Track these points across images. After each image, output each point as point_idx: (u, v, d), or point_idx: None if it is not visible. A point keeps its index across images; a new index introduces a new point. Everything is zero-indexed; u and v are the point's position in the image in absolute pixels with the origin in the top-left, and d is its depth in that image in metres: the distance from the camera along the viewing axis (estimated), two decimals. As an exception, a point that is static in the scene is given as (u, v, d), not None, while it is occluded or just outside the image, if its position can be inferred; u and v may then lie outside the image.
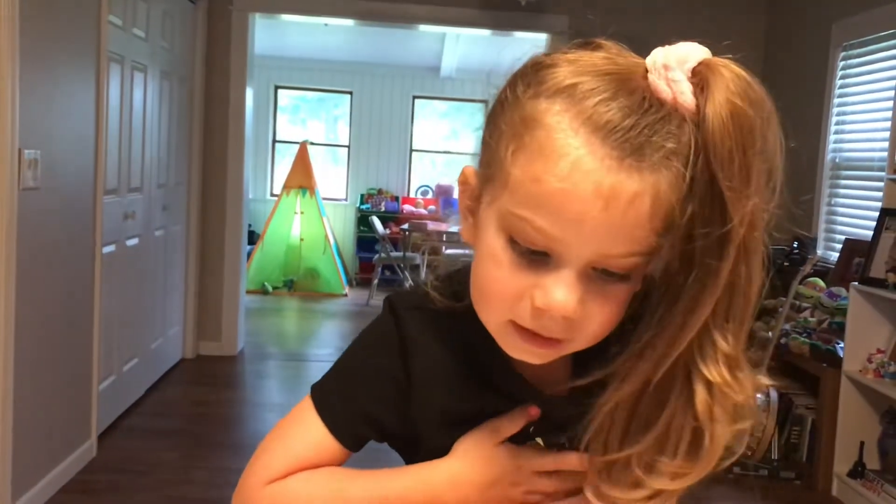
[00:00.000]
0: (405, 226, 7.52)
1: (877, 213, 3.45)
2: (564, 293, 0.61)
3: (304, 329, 6.65)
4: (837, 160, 4.13)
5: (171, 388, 4.39)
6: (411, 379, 0.74)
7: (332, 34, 7.06)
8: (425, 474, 0.75)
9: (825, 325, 3.64)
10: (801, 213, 0.62)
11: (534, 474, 0.74)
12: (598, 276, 0.62)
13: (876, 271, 3.30)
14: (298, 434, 0.76)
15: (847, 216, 4.04)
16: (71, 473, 3.12)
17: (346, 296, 7.67)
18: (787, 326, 3.69)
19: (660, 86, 0.60)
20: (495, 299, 0.64)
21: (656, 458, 0.64)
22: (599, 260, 0.61)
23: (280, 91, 8.76)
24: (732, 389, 0.62)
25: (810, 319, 3.72)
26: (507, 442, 0.74)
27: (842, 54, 4.10)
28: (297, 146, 7.99)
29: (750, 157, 0.57)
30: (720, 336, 0.61)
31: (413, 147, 8.82)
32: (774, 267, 0.64)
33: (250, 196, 5.70)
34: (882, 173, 3.50)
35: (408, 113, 8.71)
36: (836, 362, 3.37)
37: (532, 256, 0.62)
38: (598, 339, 0.65)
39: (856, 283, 3.35)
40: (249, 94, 5.04)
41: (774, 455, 3.58)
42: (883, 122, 3.66)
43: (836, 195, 4.14)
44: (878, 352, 3.28)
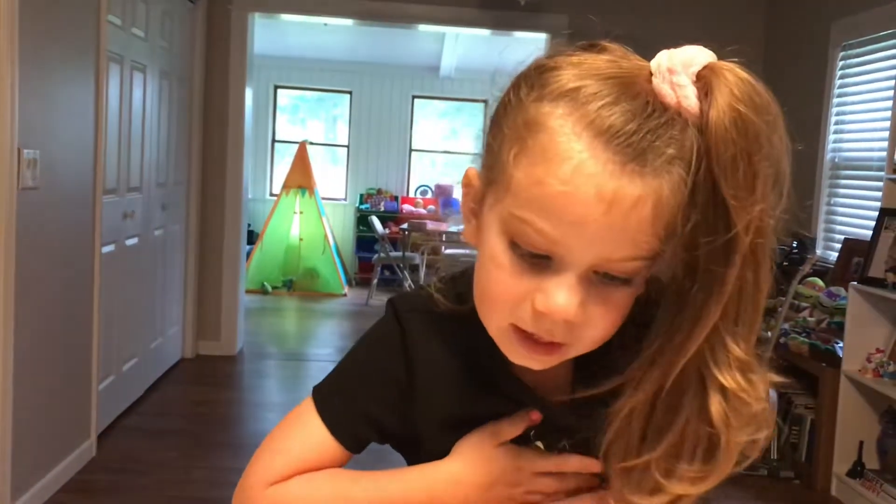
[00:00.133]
0: (404, 225, 7.51)
1: (876, 213, 3.45)
2: (566, 297, 0.61)
3: (304, 329, 6.65)
4: (836, 160, 4.13)
5: (171, 387, 4.39)
6: (413, 381, 0.74)
7: (332, 34, 7.06)
8: (426, 475, 0.75)
9: (824, 324, 3.64)
10: (801, 213, 0.62)
11: (534, 475, 0.74)
12: (600, 280, 0.62)
13: (875, 271, 3.31)
14: (299, 435, 0.76)
15: (846, 216, 4.05)
16: (70, 473, 3.12)
17: (345, 296, 7.67)
18: (786, 326, 3.70)
19: (664, 90, 0.59)
20: (497, 302, 0.64)
21: (675, 464, 0.64)
22: (601, 264, 0.60)
23: (279, 91, 8.76)
24: (747, 394, 0.62)
25: (809, 319, 3.72)
26: (507, 443, 0.74)
27: (841, 54, 4.10)
28: (297, 146, 7.99)
29: (755, 163, 0.57)
30: (732, 341, 0.61)
31: (412, 147, 8.82)
32: (774, 266, 0.64)
33: (249, 196, 5.70)
34: (881, 173, 3.50)
35: (407, 113, 8.71)
36: (836, 362, 3.38)
37: (533, 260, 0.61)
38: (599, 343, 0.65)
39: (855, 283, 3.35)
40: (249, 94, 5.03)
41: (774, 454, 3.58)
42: (882, 122, 3.67)
43: (836, 195, 4.14)
44: (878, 351, 3.29)
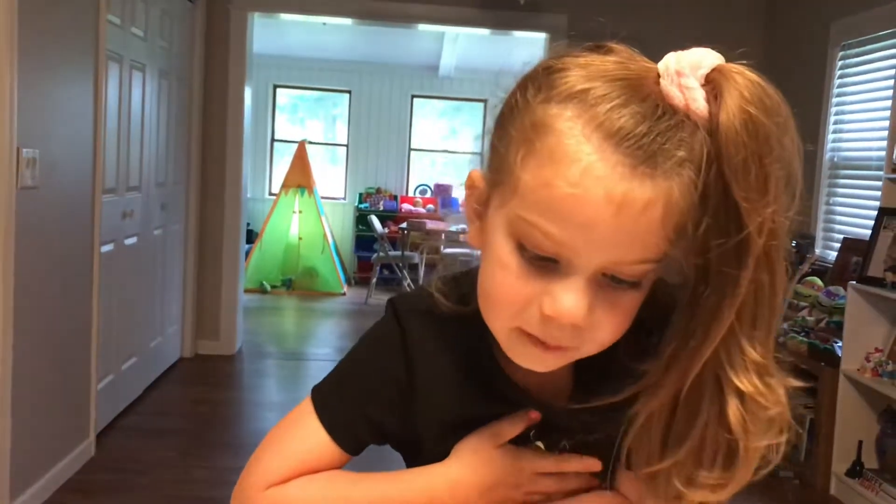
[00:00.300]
0: (404, 225, 7.51)
1: (875, 213, 3.46)
2: (573, 300, 0.60)
3: (303, 328, 6.65)
4: (836, 159, 4.13)
5: (170, 387, 4.39)
6: (413, 383, 0.74)
7: (331, 33, 7.05)
8: (425, 478, 0.75)
9: (823, 324, 3.64)
10: (801, 213, 0.62)
11: (534, 475, 0.74)
12: (608, 282, 0.61)
13: (874, 270, 3.31)
14: (298, 436, 0.76)
15: (845, 215, 4.05)
16: (69, 473, 3.12)
17: (344, 295, 7.67)
18: (785, 325, 3.70)
19: (672, 92, 0.59)
20: (502, 305, 0.64)
21: (695, 471, 0.64)
22: (609, 267, 0.60)
23: (279, 90, 8.76)
24: (765, 398, 0.61)
25: (808, 318, 3.72)
26: (507, 444, 0.74)
27: (840, 54, 4.10)
28: (296, 145, 7.99)
29: (767, 166, 0.56)
30: (749, 344, 0.60)
31: (412, 146, 8.81)
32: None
33: (249, 195, 5.70)
34: (880, 172, 3.50)
35: (406, 112, 8.71)
36: (835, 361, 3.38)
37: (541, 262, 0.61)
38: (605, 346, 0.65)
39: (854, 283, 3.35)
40: (248, 93, 5.03)
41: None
42: (881, 122, 3.67)
43: (835, 194, 4.15)
44: (876, 351, 3.29)
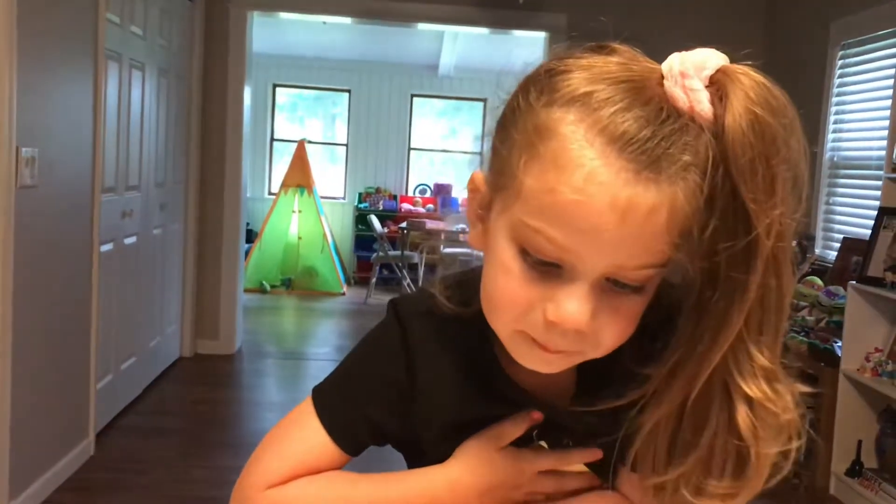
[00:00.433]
0: (403, 224, 7.51)
1: (875, 212, 3.45)
2: (577, 306, 0.60)
3: (302, 327, 6.65)
4: (835, 159, 4.13)
5: (169, 386, 4.39)
6: (415, 385, 0.74)
7: (331, 32, 7.05)
8: (426, 479, 0.75)
9: (823, 323, 3.64)
10: (800, 213, 0.61)
11: (535, 476, 0.74)
12: (611, 287, 0.60)
13: (874, 270, 3.30)
14: (298, 437, 0.76)
15: (845, 215, 4.05)
16: (68, 472, 3.12)
17: (343, 294, 7.67)
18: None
19: (676, 94, 0.58)
20: (505, 310, 0.63)
21: (704, 480, 0.63)
22: (613, 272, 0.59)
23: (278, 89, 8.76)
24: (774, 404, 0.60)
25: (808, 318, 3.72)
26: (509, 446, 0.74)
27: (840, 53, 4.10)
28: (295, 144, 7.98)
29: (774, 167, 0.56)
30: (756, 350, 0.59)
31: (411, 146, 8.81)
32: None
33: (248, 194, 5.69)
34: (880, 172, 3.50)
35: (406, 111, 8.71)
36: (834, 361, 3.37)
37: (544, 268, 0.60)
38: (608, 350, 0.64)
39: (854, 282, 3.35)
40: (247, 93, 5.03)
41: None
42: (881, 121, 3.66)
43: (835, 194, 4.15)
44: (876, 350, 3.28)
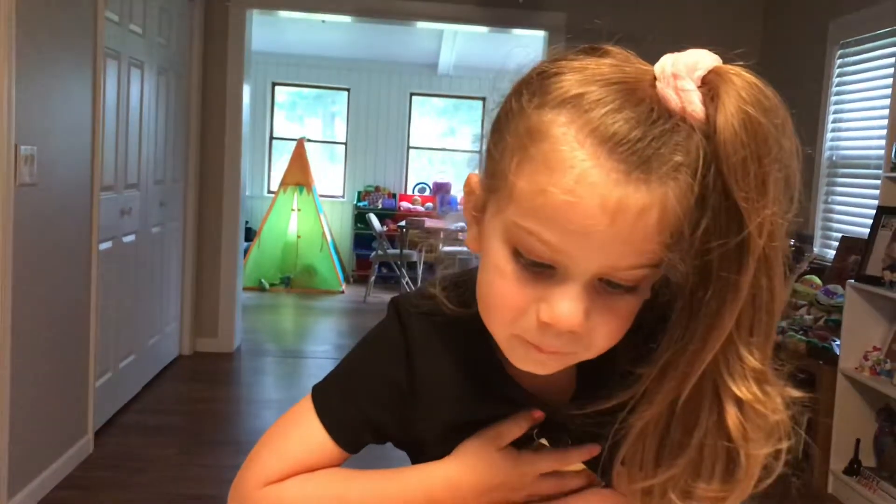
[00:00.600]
0: (402, 223, 7.52)
1: (873, 211, 3.46)
2: (570, 307, 0.60)
3: (301, 326, 6.65)
4: (834, 158, 4.14)
5: (168, 384, 4.39)
6: (414, 385, 0.74)
7: (330, 31, 7.05)
8: (424, 475, 0.75)
9: (821, 322, 3.64)
10: (799, 212, 0.61)
11: (536, 478, 0.74)
12: (605, 288, 0.61)
13: (872, 269, 3.31)
14: (297, 435, 0.76)
15: (844, 214, 4.05)
16: (67, 470, 3.12)
17: (342, 293, 7.67)
18: (783, 324, 3.70)
19: (668, 95, 0.58)
20: (500, 312, 0.64)
21: (692, 484, 0.63)
22: (606, 273, 0.60)
23: (277, 87, 8.75)
24: (764, 405, 0.60)
25: (807, 317, 3.73)
26: (509, 446, 0.74)
27: (839, 52, 4.10)
28: (295, 143, 7.98)
29: (766, 166, 0.56)
30: (746, 351, 0.59)
31: (410, 144, 8.81)
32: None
33: (247, 193, 5.69)
34: (879, 171, 3.50)
35: (405, 110, 8.70)
36: (833, 360, 3.38)
37: (537, 269, 0.61)
38: (603, 350, 0.64)
39: (852, 281, 3.36)
40: (247, 91, 5.03)
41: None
42: (880, 120, 3.67)
43: (833, 193, 4.15)
44: (875, 349, 3.29)
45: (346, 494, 0.74)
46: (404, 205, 8.53)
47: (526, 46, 5.48)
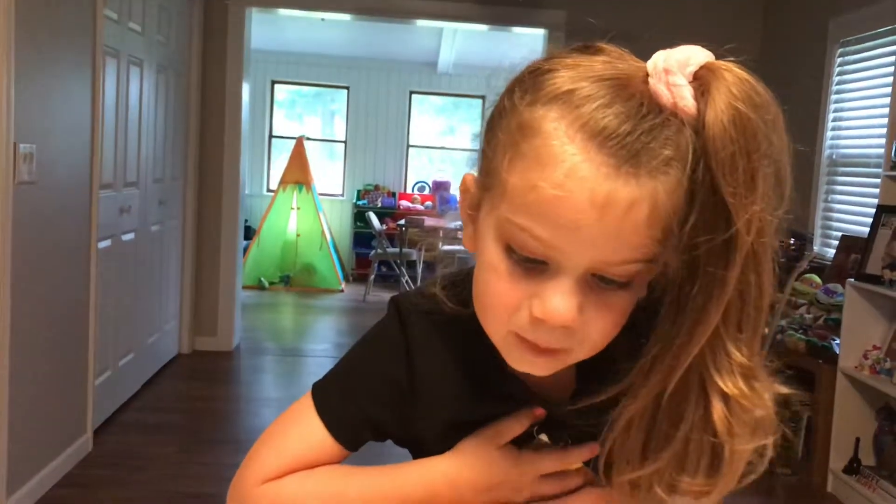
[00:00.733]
0: (402, 221, 7.52)
1: (873, 210, 3.46)
2: (562, 302, 0.60)
3: (301, 324, 6.64)
4: (834, 157, 4.13)
5: (167, 383, 4.39)
6: (415, 383, 0.74)
7: (329, 29, 7.04)
8: (423, 471, 0.75)
9: (821, 321, 3.64)
10: (799, 210, 0.61)
11: (537, 479, 0.73)
12: (597, 283, 0.61)
13: (872, 268, 3.31)
14: (296, 432, 0.76)
15: (844, 213, 4.05)
16: (67, 468, 3.12)
17: (342, 291, 7.67)
18: (783, 323, 3.70)
19: (660, 90, 0.58)
20: (495, 309, 0.64)
21: (677, 477, 0.63)
22: (598, 267, 0.60)
23: (277, 86, 8.74)
24: (750, 401, 0.60)
25: (806, 316, 3.73)
26: (509, 445, 0.74)
27: (839, 50, 4.10)
28: (294, 141, 7.98)
29: (755, 161, 0.56)
30: (734, 347, 0.60)
31: (410, 143, 8.81)
32: (777, 270, 0.63)
33: (247, 191, 5.69)
34: (879, 170, 3.50)
35: (405, 108, 8.70)
36: (832, 359, 3.38)
37: (529, 265, 0.61)
38: (599, 347, 0.64)
39: (852, 280, 3.36)
40: (246, 89, 5.02)
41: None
42: (880, 119, 3.67)
43: (833, 192, 4.15)
44: (874, 348, 3.29)
45: (345, 491, 0.74)
46: (404, 203, 8.53)
47: (525, 45, 5.47)
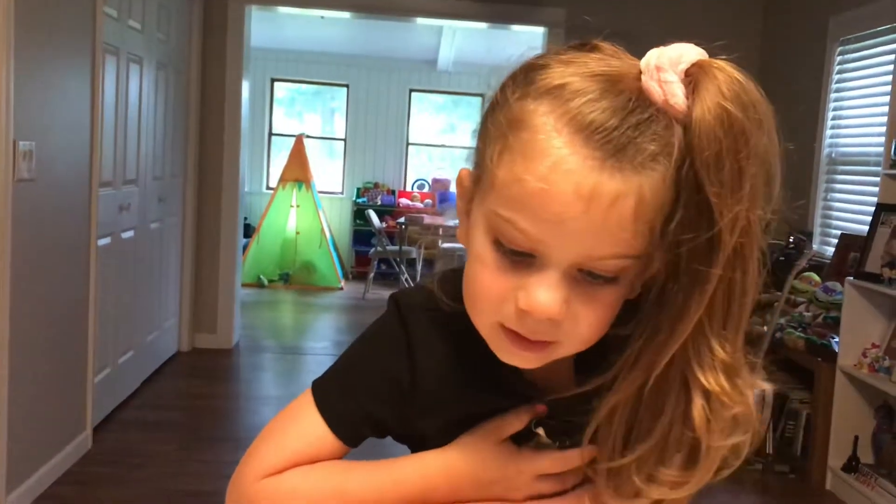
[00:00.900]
0: (401, 219, 7.52)
1: (872, 208, 3.46)
2: (547, 295, 0.60)
3: (300, 322, 6.65)
4: (833, 155, 4.14)
5: (167, 380, 4.39)
6: (415, 380, 0.74)
7: (329, 27, 7.04)
8: (421, 464, 0.75)
9: (820, 319, 3.64)
10: (798, 208, 0.61)
11: (535, 479, 0.73)
12: (584, 278, 0.61)
13: (871, 266, 3.31)
14: (296, 429, 0.76)
15: (843, 211, 4.05)
16: (66, 466, 3.12)
17: (341, 289, 7.67)
18: (782, 321, 3.70)
19: (651, 87, 0.59)
20: (482, 300, 0.64)
21: (656, 469, 0.64)
22: (583, 262, 0.60)
23: (276, 84, 8.74)
24: (730, 398, 0.61)
25: (805, 314, 3.73)
26: (508, 441, 0.74)
27: (839, 49, 4.10)
28: (294, 139, 7.97)
29: (741, 161, 0.56)
30: (717, 343, 0.60)
31: (409, 140, 8.81)
32: (770, 262, 0.63)
33: (246, 189, 5.69)
34: (878, 168, 3.50)
35: (404, 106, 8.70)
36: (831, 357, 3.38)
37: (516, 258, 0.61)
38: (588, 342, 0.65)
39: (851, 278, 3.36)
40: (246, 87, 5.02)
41: (769, 449, 3.59)
42: (879, 117, 3.67)
43: (832, 190, 4.15)
44: (873, 346, 3.29)
45: (344, 485, 0.74)
46: (403, 201, 8.53)
47: (525, 43, 5.48)
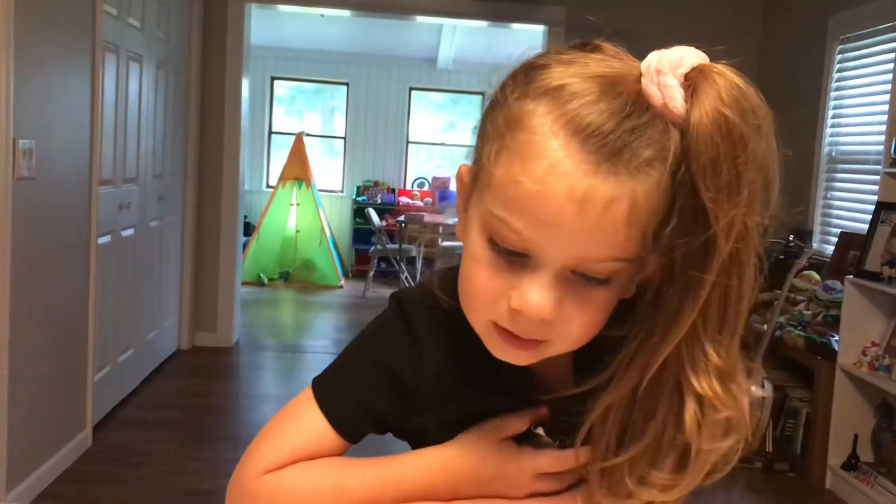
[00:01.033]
0: (401, 218, 7.52)
1: (872, 207, 3.46)
2: (539, 295, 0.60)
3: (300, 320, 6.65)
4: (833, 153, 4.14)
5: (167, 379, 4.39)
6: (416, 377, 0.74)
7: (329, 25, 7.04)
8: (421, 461, 0.75)
9: (820, 318, 3.65)
10: (797, 208, 0.61)
11: (534, 477, 0.74)
12: (577, 279, 0.61)
13: (871, 264, 3.31)
14: (297, 425, 0.76)
15: (843, 209, 4.05)
16: (66, 464, 3.12)
17: (341, 287, 7.67)
18: (781, 319, 3.70)
19: (651, 90, 0.59)
20: (476, 299, 0.65)
21: (647, 471, 0.64)
22: (576, 264, 0.60)
23: (276, 82, 8.74)
24: (723, 403, 0.61)
25: (805, 312, 3.73)
26: (508, 440, 0.74)
27: (839, 47, 4.10)
28: (294, 137, 7.97)
29: (738, 166, 0.56)
30: (712, 348, 0.60)
31: (409, 139, 8.81)
32: (770, 260, 0.63)
33: (246, 187, 5.69)
34: (878, 167, 3.50)
35: (404, 104, 8.70)
36: (831, 355, 3.38)
37: (510, 257, 0.62)
38: (579, 341, 0.65)
39: (851, 277, 3.36)
40: (245, 85, 5.02)
41: (769, 447, 3.59)
42: (879, 116, 3.67)
43: (832, 188, 4.15)
44: (873, 345, 3.29)
45: (344, 481, 0.74)
46: (403, 199, 8.53)
47: (525, 42, 5.46)
